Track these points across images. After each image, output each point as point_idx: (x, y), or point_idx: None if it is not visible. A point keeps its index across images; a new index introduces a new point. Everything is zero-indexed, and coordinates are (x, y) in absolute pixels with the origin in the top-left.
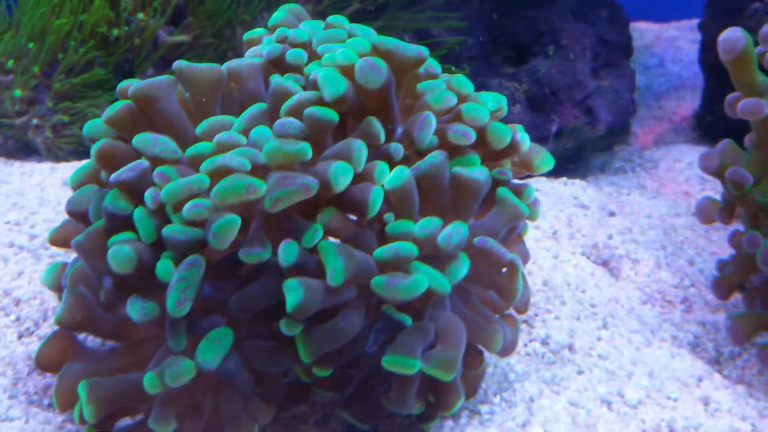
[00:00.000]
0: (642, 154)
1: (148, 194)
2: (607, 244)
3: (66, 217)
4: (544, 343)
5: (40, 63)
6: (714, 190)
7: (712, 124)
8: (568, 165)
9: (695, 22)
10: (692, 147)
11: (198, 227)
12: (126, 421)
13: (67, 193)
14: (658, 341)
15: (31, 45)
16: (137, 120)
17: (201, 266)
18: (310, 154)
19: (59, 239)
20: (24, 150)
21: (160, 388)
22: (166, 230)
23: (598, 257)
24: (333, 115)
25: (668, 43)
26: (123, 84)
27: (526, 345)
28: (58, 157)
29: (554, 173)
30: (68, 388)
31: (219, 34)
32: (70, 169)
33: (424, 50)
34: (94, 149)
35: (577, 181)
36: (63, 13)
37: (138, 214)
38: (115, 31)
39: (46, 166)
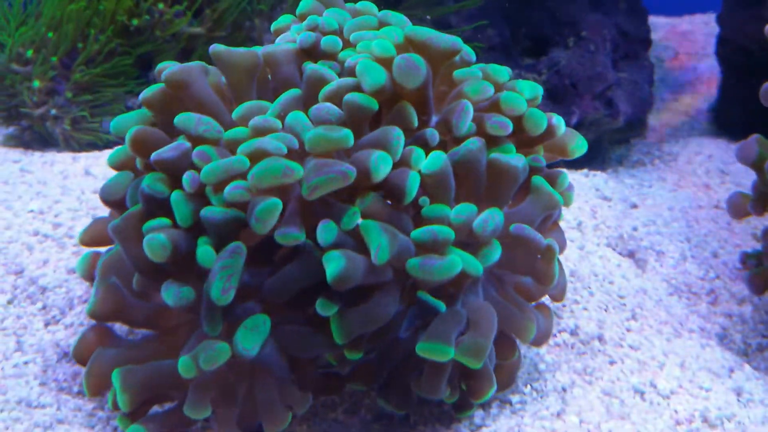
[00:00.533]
0: (660, 147)
1: (187, 177)
2: (632, 235)
3: (93, 215)
4: (573, 333)
5: (60, 53)
6: (734, 183)
7: (729, 118)
8: (585, 157)
9: (708, 15)
10: (710, 140)
11: (236, 209)
12: (155, 409)
13: (89, 182)
14: (687, 332)
15: (50, 34)
16: (173, 103)
17: (243, 254)
18: (352, 141)
19: (89, 239)
20: (40, 141)
21: (194, 372)
22: (205, 211)
23: (624, 248)
24: (373, 104)
25: (682, 37)
26: (161, 65)
27: (555, 335)
28: (76, 148)
29: (575, 165)
30: (99, 374)
31: (238, 25)
32: (92, 158)
33: (458, 41)
34: (128, 136)
35: (599, 173)
36: (82, 1)
37: (175, 197)
38: (135, 21)
39: (68, 156)
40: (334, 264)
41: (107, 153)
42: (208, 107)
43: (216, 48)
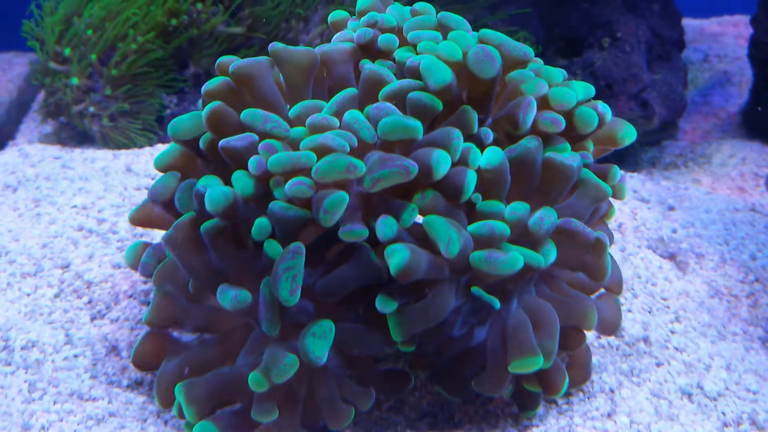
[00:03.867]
0: (694, 149)
1: (253, 160)
2: (672, 238)
3: (139, 201)
4: (618, 335)
5: (98, 51)
6: None
7: (760, 120)
8: (617, 159)
9: (736, 17)
10: (743, 143)
11: (298, 205)
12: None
13: (131, 179)
14: (730, 335)
15: (89, 32)
16: (235, 96)
17: (303, 253)
18: (422, 133)
19: (139, 219)
20: (76, 138)
21: (266, 386)
22: (273, 206)
23: (665, 251)
24: (438, 104)
25: (711, 39)
26: (223, 59)
27: (599, 337)
28: (113, 145)
29: None
30: (168, 385)
31: (275, 26)
32: (132, 155)
33: (529, 51)
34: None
35: (635, 174)
36: (134, 2)
37: (237, 173)
38: (174, 21)
39: (108, 153)
40: (398, 255)
41: (147, 150)
42: (271, 104)
43: (275, 46)
